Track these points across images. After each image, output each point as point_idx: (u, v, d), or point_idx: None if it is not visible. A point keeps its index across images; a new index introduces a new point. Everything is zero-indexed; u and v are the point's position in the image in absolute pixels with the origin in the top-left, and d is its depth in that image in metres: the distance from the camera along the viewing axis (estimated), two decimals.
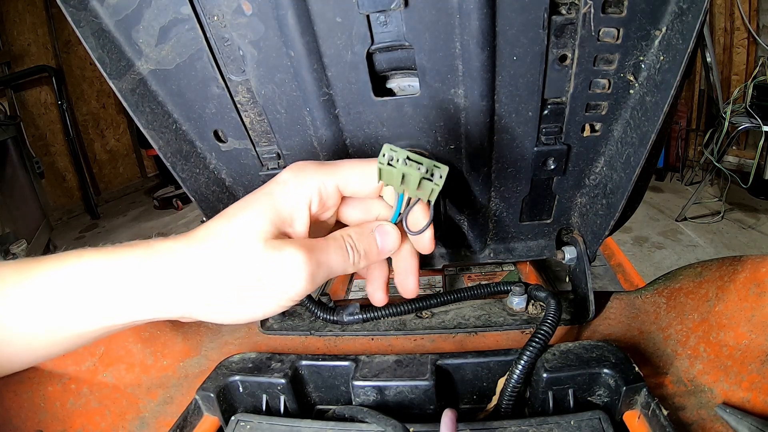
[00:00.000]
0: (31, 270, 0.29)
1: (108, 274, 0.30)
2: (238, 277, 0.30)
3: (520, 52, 0.38)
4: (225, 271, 0.30)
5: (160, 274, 0.30)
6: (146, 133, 0.44)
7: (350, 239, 0.34)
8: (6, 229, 2.06)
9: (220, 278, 0.30)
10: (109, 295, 0.30)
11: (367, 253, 0.35)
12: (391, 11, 0.36)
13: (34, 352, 0.31)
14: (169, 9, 0.38)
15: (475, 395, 0.46)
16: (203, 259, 0.30)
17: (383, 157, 0.32)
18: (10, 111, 3.12)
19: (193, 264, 0.30)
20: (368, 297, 0.43)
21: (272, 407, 0.45)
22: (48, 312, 0.29)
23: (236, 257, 0.30)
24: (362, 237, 0.35)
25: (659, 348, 0.47)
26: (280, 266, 0.30)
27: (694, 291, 0.48)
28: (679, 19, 0.35)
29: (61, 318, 0.29)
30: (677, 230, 2.49)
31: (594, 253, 0.53)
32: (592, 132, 0.45)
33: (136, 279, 0.30)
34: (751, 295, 0.41)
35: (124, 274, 0.30)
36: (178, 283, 0.30)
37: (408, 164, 0.31)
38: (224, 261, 0.30)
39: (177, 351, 0.55)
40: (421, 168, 0.32)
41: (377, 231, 0.36)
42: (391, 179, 0.33)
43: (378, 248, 0.36)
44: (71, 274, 0.29)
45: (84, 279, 0.29)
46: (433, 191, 0.33)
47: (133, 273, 0.30)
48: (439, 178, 0.32)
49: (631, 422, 0.39)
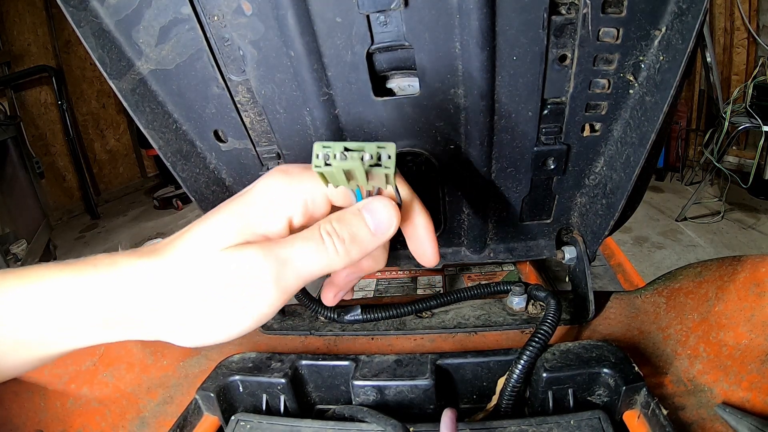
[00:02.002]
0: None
1: (69, 294, 0.27)
2: (198, 289, 0.27)
3: (520, 52, 0.38)
4: (184, 285, 0.27)
5: (122, 293, 0.27)
6: (146, 133, 0.44)
7: (328, 226, 0.29)
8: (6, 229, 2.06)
9: (181, 293, 0.27)
10: (71, 315, 0.27)
11: (356, 238, 0.29)
12: (391, 11, 0.36)
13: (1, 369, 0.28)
14: (169, 9, 0.38)
15: (475, 395, 0.46)
16: (163, 275, 0.27)
17: (318, 159, 0.27)
18: (10, 111, 3.12)
19: (154, 281, 0.27)
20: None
21: (272, 407, 0.45)
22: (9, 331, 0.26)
23: (194, 268, 0.27)
24: (345, 220, 0.29)
25: (659, 348, 0.47)
26: (238, 272, 0.27)
27: (693, 291, 0.48)
28: (679, 19, 0.35)
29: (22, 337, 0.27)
30: (677, 230, 2.49)
31: (594, 253, 0.53)
32: (592, 132, 0.45)
33: (97, 299, 0.27)
34: (750, 295, 0.41)
35: (85, 293, 0.27)
36: (141, 303, 0.27)
37: (347, 157, 0.27)
38: (183, 274, 0.27)
39: (177, 351, 0.55)
40: (364, 156, 0.27)
41: (365, 210, 0.29)
42: (336, 180, 0.28)
43: (371, 229, 0.29)
44: (33, 293, 0.27)
45: (45, 298, 0.27)
46: (387, 177, 0.28)
47: (94, 292, 0.27)
48: (387, 159, 0.27)
49: (630, 422, 0.39)
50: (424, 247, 0.34)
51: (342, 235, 0.29)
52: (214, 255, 0.27)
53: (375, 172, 0.27)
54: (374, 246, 0.30)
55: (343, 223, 0.29)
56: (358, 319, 0.55)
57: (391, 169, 0.27)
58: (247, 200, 0.29)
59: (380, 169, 0.27)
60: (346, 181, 0.28)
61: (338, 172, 0.27)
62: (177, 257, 0.27)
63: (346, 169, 0.27)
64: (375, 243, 0.30)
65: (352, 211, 0.30)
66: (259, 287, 0.27)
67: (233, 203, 0.29)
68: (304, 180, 0.29)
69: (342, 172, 0.27)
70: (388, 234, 0.30)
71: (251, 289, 0.27)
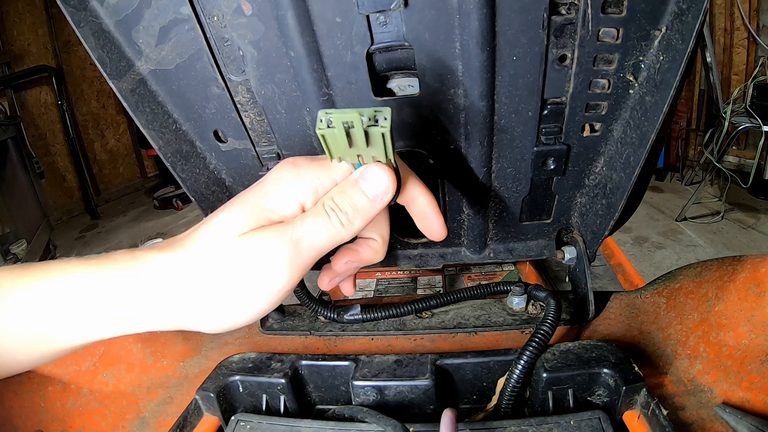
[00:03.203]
0: (14, 281, 0.28)
1: (92, 288, 0.28)
2: (219, 275, 0.29)
3: (520, 52, 0.38)
4: (206, 272, 0.29)
5: (146, 287, 0.28)
6: (146, 133, 0.44)
7: (330, 201, 0.30)
8: (6, 229, 2.06)
9: (203, 280, 0.29)
10: (93, 309, 0.28)
11: (357, 208, 0.30)
12: (391, 11, 0.36)
13: (19, 361, 0.30)
14: (169, 9, 0.38)
15: (475, 395, 0.46)
16: (185, 265, 0.29)
17: (321, 123, 0.28)
18: (10, 111, 3.12)
19: (177, 272, 0.29)
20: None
21: (272, 407, 0.45)
22: (32, 324, 0.28)
23: (214, 255, 0.29)
24: (344, 193, 0.31)
25: (659, 348, 0.47)
26: (255, 254, 0.28)
27: (694, 291, 0.48)
28: (679, 19, 0.35)
29: (46, 330, 0.28)
30: (677, 230, 2.49)
31: (594, 253, 0.53)
32: (592, 132, 0.45)
33: (121, 292, 0.28)
34: (750, 295, 0.41)
35: (109, 287, 0.28)
36: (164, 294, 0.29)
37: (346, 114, 0.28)
38: (204, 263, 0.29)
39: (177, 351, 0.55)
40: (363, 115, 0.28)
41: (361, 179, 0.31)
42: (338, 147, 0.30)
43: (369, 197, 0.31)
44: (55, 287, 0.28)
45: (68, 292, 0.28)
46: (384, 136, 0.29)
47: (117, 286, 0.28)
48: (384, 120, 0.29)
49: (630, 422, 0.39)
50: (430, 220, 0.35)
51: (344, 208, 0.30)
52: (233, 241, 0.29)
53: (372, 133, 0.29)
54: (375, 211, 0.32)
55: (343, 195, 0.31)
56: (357, 319, 0.55)
57: (387, 129, 0.28)
58: (261, 190, 0.31)
59: (377, 128, 0.28)
60: (347, 147, 0.29)
61: (340, 132, 0.28)
62: (197, 247, 0.29)
63: (347, 125, 0.28)
64: (375, 208, 0.31)
65: (349, 182, 0.31)
66: (276, 267, 0.29)
67: (247, 194, 0.31)
68: (313, 168, 0.31)
69: (344, 135, 0.28)
70: (386, 198, 0.31)
71: (269, 270, 0.29)
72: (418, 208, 0.35)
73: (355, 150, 0.30)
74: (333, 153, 0.30)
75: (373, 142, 0.29)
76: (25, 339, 0.28)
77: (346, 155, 0.30)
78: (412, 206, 0.35)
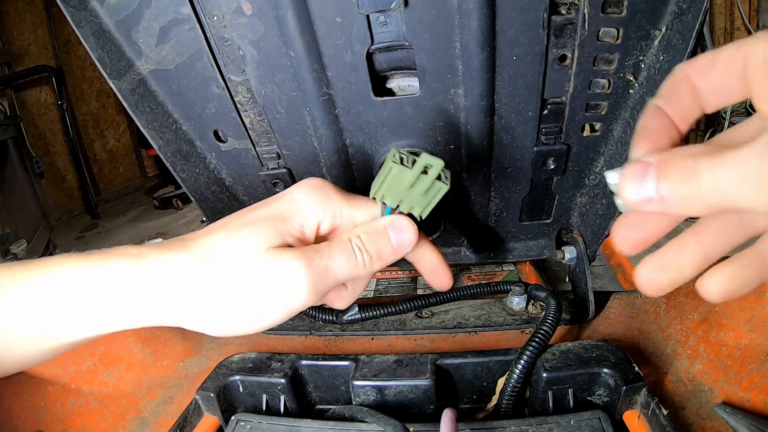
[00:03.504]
0: (12, 276, 0.28)
1: (94, 284, 0.28)
2: (237, 284, 0.29)
3: (520, 52, 0.38)
4: (223, 281, 0.29)
5: (152, 285, 0.28)
6: (146, 133, 0.44)
7: (358, 240, 0.31)
8: (6, 229, 2.06)
9: (220, 293, 0.29)
10: (94, 304, 0.28)
11: (380, 253, 0.32)
12: (391, 11, 0.36)
13: (17, 359, 0.30)
14: (169, 9, 0.38)
15: (475, 395, 0.46)
16: (198, 269, 0.29)
17: (395, 157, 0.30)
18: (10, 111, 3.12)
19: (187, 274, 0.29)
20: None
21: (272, 407, 0.45)
22: (30, 321, 0.28)
23: (237, 265, 0.29)
24: (373, 236, 0.32)
25: (659, 348, 0.47)
26: (280, 274, 0.29)
27: (694, 291, 0.48)
28: (679, 19, 0.35)
29: (45, 326, 0.28)
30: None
31: (594, 253, 0.53)
32: (592, 132, 0.45)
33: (125, 289, 0.28)
34: (750, 295, 0.41)
35: (111, 283, 0.28)
36: (171, 294, 0.29)
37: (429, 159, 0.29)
38: (224, 270, 0.29)
39: (177, 351, 0.55)
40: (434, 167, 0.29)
41: (390, 227, 0.32)
42: (397, 183, 0.31)
43: (393, 247, 0.32)
44: (54, 283, 0.28)
45: (69, 288, 0.28)
46: (439, 194, 0.31)
47: (121, 283, 0.28)
48: (445, 179, 0.30)
49: (630, 422, 0.39)
50: (440, 274, 0.36)
51: (370, 250, 0.32)
52: (259, 254, 0.29)
53: (435, 187, 0.30)
54: (392, 261, 0.33)
55: (371, 238, 0.32)
56: (356, 318, 0.55)
57: (448, 187, 0.30)
58: (285, 205, 0.32)
59: (443, 185, 0.30)
60: (407, 187, 0.31)
61: (413, 173, 0.30)
62: (216, 254, 0.29)
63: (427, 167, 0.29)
64: (394, 259, 0.33)
65: (378, 229, 0.32)
66: (298, 288, 0.29)
67: (271, 206, 0.32)
68: (338, 198, 0.33)
69: (415, 177, 0.30)
70: (406, 252, 0.33)
71: (291, 290, 0.29)
72: (429, 265, 0.36)
73: (406, 192, 0.31)
74: (384, 188, 0.31)
75: (430, 193, 0.31)
76: (22, 336, 0.28)
77: (393, 194, 0.31)
78: (421, 263, 0.36)
